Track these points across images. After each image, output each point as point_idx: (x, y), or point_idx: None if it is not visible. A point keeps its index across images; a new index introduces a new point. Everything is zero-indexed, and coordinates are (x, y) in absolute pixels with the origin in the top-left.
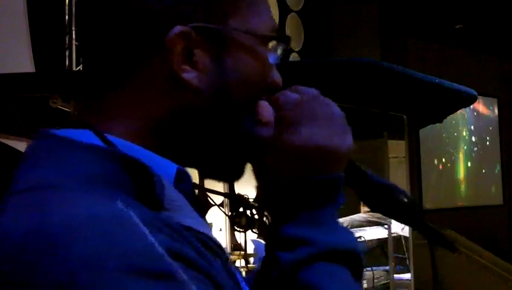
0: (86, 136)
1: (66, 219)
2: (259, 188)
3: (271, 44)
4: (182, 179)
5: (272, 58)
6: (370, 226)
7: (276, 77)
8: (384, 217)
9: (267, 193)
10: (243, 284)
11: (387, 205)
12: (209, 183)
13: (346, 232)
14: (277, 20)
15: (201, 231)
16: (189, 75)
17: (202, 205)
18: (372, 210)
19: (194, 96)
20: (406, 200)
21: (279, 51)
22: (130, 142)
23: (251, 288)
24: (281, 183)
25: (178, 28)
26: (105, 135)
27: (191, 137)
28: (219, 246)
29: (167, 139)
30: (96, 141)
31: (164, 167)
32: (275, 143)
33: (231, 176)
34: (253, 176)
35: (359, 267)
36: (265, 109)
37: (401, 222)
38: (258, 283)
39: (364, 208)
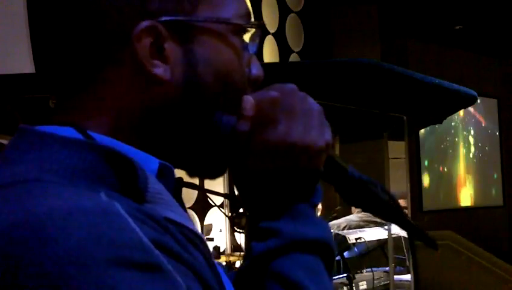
0: (67, 131)
1: (52, 211)
2: (235, 182)
3: (248, 34)
4: (164, 174)
5: (251, 49)
6: (367, 225)
7: (257, 70)
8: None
9: (242, 186)
10: (225, 279)
11: (367, 201)
12: (209, 184)
13: (320, 224)
14: (277, 21)
15: (185, 224)
16: (160, 69)
17: (183, 202)
18: (352, 205)
19: (168, 89)
20: (385, 196)
21: (256, 41)
22: (115, 140)
23: (233, 283)
24: (256, 178)
25: (144, 24)
26: (87, 131)
27: (168, 131)
28: (202, 240)
29: (146, 134)
30: (78, 136)
31: (146, 162)
32: (252, 139)
33: (212, 172)
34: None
35: (330, 257)
36: (249, 103)
37: (382, 217)
38: (237, 275)
39: (356, 208)
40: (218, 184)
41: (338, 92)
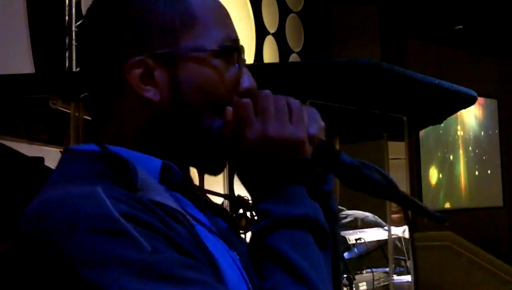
0: (91, 147)
1: (51, 198)
2: (237, 176)
3: (235, 53)
4: (168, 171)
5: (238, 68)
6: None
7: (247, 82)
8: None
9: (241, 179)
10: (217, 250)
11: (362, 184)
12: (209, 185)
13: (309, 203)
14: (277, 21)
15: (167, 204)
16: (150, 93)
17: (195, 192)
18: (351, 189)
19: (159, 107)
20: (380, 177)
21: (239, 60)
22: (125, 148)
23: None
24: (247, 171)
25: (133, 59)
26: (106, 145)
27: (165, 137)
28: (184, 216)
29: (149, 142)
30: (97, 149)
31: (149, 162)
32: (237, 139)
33: (212, 169)
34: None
35: (321, 233)
36: (228, 111)
37: (381, 197)
38: None
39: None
40: (218, 185)
41: (338, 92)
